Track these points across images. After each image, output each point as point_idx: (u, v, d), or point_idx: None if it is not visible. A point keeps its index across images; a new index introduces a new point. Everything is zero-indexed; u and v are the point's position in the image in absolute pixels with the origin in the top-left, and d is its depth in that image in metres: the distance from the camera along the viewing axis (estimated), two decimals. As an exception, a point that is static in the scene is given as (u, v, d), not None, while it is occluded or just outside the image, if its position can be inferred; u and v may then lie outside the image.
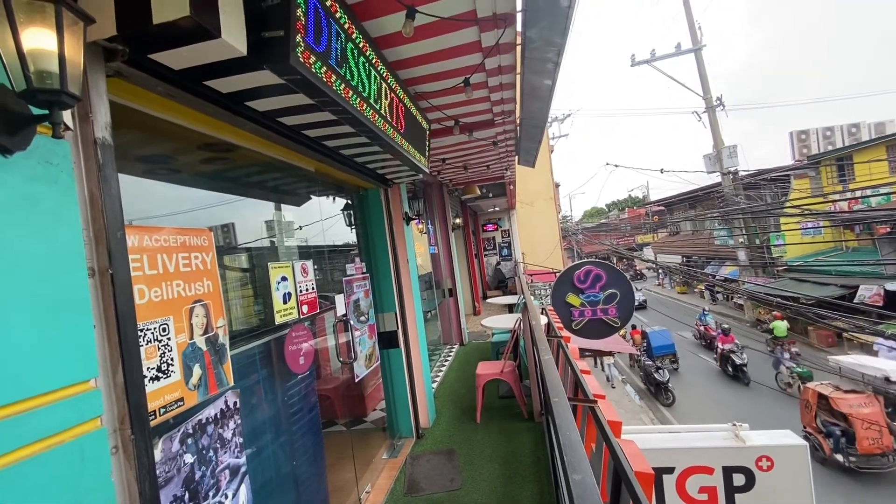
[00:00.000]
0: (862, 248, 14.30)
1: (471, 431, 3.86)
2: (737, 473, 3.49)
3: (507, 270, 12.71)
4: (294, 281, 2.36)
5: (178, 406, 1.42)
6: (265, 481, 2.05)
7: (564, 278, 6.06)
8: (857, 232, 14.65)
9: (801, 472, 3.40)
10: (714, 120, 17.33)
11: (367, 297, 3.45)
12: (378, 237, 3.82)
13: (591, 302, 5.98)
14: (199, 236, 1.66)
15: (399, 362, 3.83)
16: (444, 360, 6.28)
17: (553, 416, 1.45)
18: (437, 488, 2.98)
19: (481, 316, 9.58)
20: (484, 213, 12.43)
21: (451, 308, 7.13)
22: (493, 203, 10.54)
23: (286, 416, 2.31)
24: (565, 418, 1.35)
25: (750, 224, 16.57)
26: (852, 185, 14.12)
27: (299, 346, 2.36)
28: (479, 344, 7.12)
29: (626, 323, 6.10)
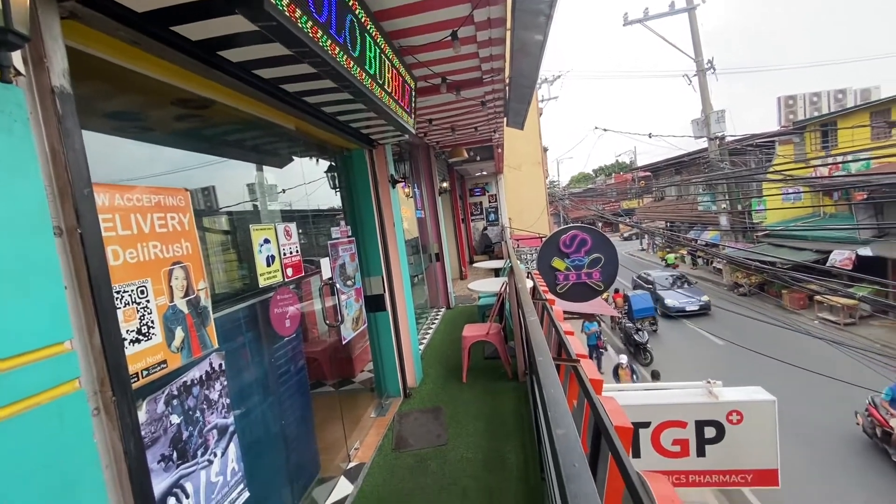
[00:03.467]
0: (839, 214, 14.66)
1: (457, 390, 3.96)
2: (708, 427, 3.68)
3: (493, 235, 12.74)
4: (277, 243, 2.31)
5: (161, 368, 1.41)
6: (254, 440, 2.08)
7: (550, 243, 6.10)
8: (835, 198, 14.96)
9: (768, 426, 3.60)
10: (704, 83, 17.14)
11: (354, 260, 3.42)
12: (363, 200, 3.74)
13: (575, 266, 6.05)
14: (175, 196, 1.60)
15: (386, 325, 3.86)
16: (431, 322, 6.36)
17: (537, 374, 1.48)
18: (424, 444, 3.08)
19: (468, 280, 9.67)
20: (471, 177, 12.29)
21: (438, 272, 7.16)
22: (480, 167, 10.40)
23: (274, 378, 2.32)
24: (549, 376, 1.38)
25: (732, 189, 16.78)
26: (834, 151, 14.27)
27: (285, 309, 2.34)
28: (466, 307, 7.21)
29: (609, 286, 6.22)
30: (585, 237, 5.91)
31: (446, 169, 9.22)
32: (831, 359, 9.93)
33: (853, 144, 13.49)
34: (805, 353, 10.67)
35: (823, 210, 15.34)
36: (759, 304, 15.39)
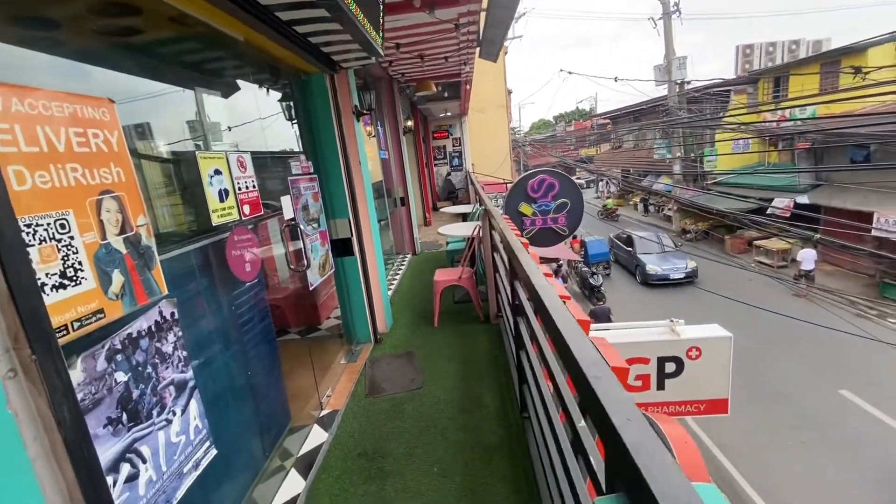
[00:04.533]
0: (782, 164, 15.46)
1: (429, 334, 3.90)
2: (669, 363, 3.85)
3: (457, 181, 12.47)
4: (230, 176, 2.00)
5: (97, 318, 1.16)
6: (218, 394, 1.89)
7: (518, 187, 5.97)
8: (780, 147, 15.70)
9: (723, 359, 3.81)
10: (668, 27, 16.91)
11: (317, 200, 3.13)
12: (325, 132, 3.38)
13: (542, 211, 6.01)
14: (98, 107, 1.27)
15: (354, 270, 3.65)
16: (398, 269, 6.21)
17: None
18: (398, 388, 3.02)
19: (432, 227, 9.49)
20: (434, 118, 11.74)
21: (404, 217, 6.92)
22: (445, 107, 9.90)
23: (236, 327, 2.10)
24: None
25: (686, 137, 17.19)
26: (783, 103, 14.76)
27: (243, 252, 2.08)
28: (432, 253, 7.09)
29: (573, 232, 6.25)
30: (553, 182, 5.83)
31: (410, 107, 8.69)
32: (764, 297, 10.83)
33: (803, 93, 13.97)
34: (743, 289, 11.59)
35: (768, 159, 16.10)
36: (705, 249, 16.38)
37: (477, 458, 2.25)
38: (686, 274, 13.61)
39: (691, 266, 13.66)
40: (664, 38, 17.09)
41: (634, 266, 14.74)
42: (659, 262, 13.93)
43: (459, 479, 2.12)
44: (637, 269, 14.48)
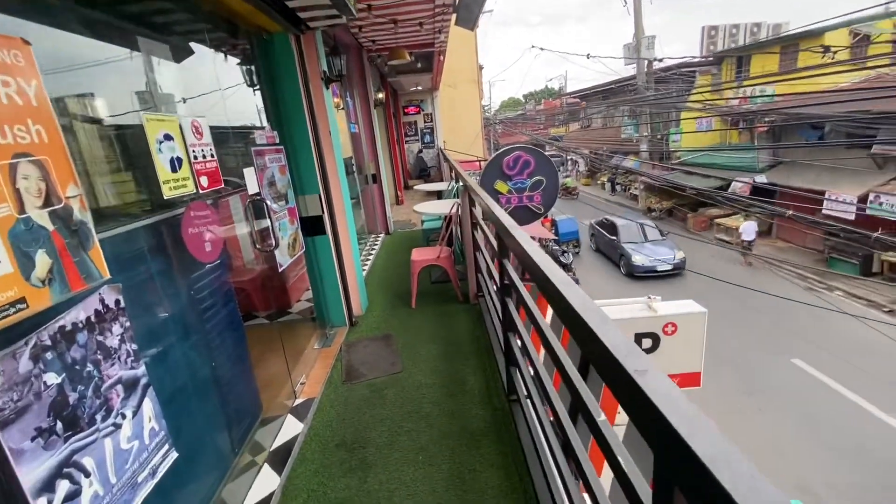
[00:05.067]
0: (743, 144, 15.98)
1: (406, 316, 3.75)
2: (646, 338, 3.89)
3: (429, 159, 12.19)
4: (184, 143, 1.75)
5: (16, 310, 0.94)
6: (177, 389, 1.69)
7: (494, 164, 5.82)
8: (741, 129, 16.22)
9: (698, 334, 3.87)
10: (638, 6, 16.91)
11: (284, 174, 2.87)
12: (292, 100, 3.10)
13: (518, 189, 5.90)
14: (7, 49, 1.01)
15: (327, 250, 3.43)
16: (371, 249, 5.99)
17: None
18: (378, 373, 2.88)
19: (405, 206, 9.25)
20: (405, 92, 11.33)
21: (376, 195, 6.66)
22: (416, 80, 9.54)
23: (196, 313, 1.88)
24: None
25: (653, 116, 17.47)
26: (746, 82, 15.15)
27: (202, 229, 1.84)
28: (406, 233, 6.89)
29: (548, 210, 6.18)
30: (529, 158, 5.71)
31: (380, 79, 8.30)
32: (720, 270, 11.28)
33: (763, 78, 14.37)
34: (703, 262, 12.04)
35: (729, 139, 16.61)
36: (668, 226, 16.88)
37: (463, 444, 2.15)
38: (674, 265, 12.67)
39: (679, 256, 12.76)
40: (634, 17, 17.10)
41: (619, 256, 13.60)
42: (645, 253, 12.93)
43: (447, 467, 2.02)
44: (622, 260, 13.43)
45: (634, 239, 13.55)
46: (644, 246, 13.19)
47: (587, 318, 0.95)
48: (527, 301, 1.85)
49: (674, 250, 12.88)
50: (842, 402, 7.22)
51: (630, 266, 12.91)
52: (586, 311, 0.98)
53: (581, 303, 1.04)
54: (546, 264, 1.34)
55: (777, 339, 9.16)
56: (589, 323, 0.92)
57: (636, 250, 12.99)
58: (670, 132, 18.00)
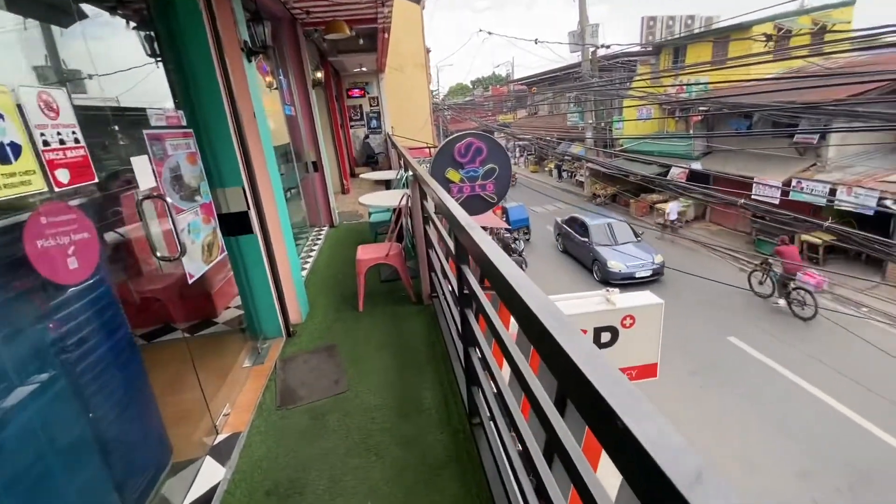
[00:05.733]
0: (679, 133, 16.71)
1: (353, 321, 3.37)
2: (605, 332, 3.77)
3: (376, 145, 11.61)
4: (24, 123, 1.26)
5: None
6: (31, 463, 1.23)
7: (445, 152, 5.51)
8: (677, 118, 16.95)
9: (655, 326, 3.81)
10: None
11: (194, 163, 2.38)
12: (203, 74, 2.57)
13: (470, 177, 5.64)
14: None
15: (255, 250, 2.96)
16: (313, 244, 5.48)
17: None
18: (319, 394, 2.49)
19: (351, 195, 8.70)
20: (349, 73, 10.64)
21: (318, 185, 6.11)
22: (360, 60, 8.92)
23: (58, 350, 1.41)
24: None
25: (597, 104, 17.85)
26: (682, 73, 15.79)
27: (63, 241, 1.37)
28: (353, 225, 6.42)
29: (501, 199, 5.97)
30: (481, 145, 5.45)
31: (319, 57, 7.64)
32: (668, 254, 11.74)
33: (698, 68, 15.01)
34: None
35: (667, 128, 17.32)
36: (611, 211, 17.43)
37: (421, 480, 1.85)
38: (654, 271, 11.25)
39: (658, 260, 11.32)
40: (578, 4, 17.23)
41: (592, 260, 12.03)
42: (622, 257, 11.47)
43: (401, 513, 1.71)
44: (595, 265, 11.87)
45: (608, 241, 12.13)
46: (620, 249, 11.79)
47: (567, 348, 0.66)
48: (488, 313, 1.56)
49: (652, 253, 11.59)
50: (771, 374, 7.72)
51: (605, 272, 11.44)
52: (564, 337, 0.69)
53: (558, 325, 0.75)
54: (512, 274, 1.05)
55: (714, 319, 9.66)
56: (570, 355, 0.64)
57: (612, 255, 11.53)
58: (613, 120, 18.49)
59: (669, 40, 16.99)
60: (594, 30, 17.13)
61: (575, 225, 13.43)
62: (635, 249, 11.76)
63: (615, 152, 18.04)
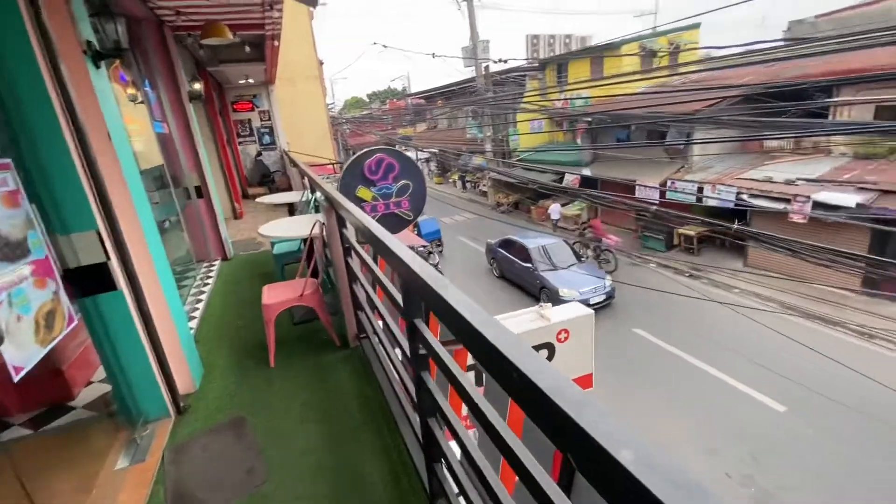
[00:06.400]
0: (568, 143, 18.09)
1: (264, 381, 2.78)
2: (542, 350, 3.66)
3: (271, 163, 10.63)
4: None
5: None
6: None
7: (354, 169, 5.14)
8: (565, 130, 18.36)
9: (588, 336, 3.80)
10: (472, 11, 17.71)
11: (14, 205, 1.70)
12: (24, 84, 1.88)
13: (383, 195, 5.33)
14: None
15: (122, 311, 2.27)
16: (203, 284, 4.64)
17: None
18: (228, 494, 1.92)
19: (246, 221, 7.75)
20: (233, 85, 9.60)
21: (203, 213, 5.25)
22: (245, 71, 8.05)
23: None
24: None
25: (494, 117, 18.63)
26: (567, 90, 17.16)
27: None
28: (251, 256, 5.62)
29: (417, 215, 5.74)
30: (392, 161, 5.18)
31: (195, 68, 6.69)
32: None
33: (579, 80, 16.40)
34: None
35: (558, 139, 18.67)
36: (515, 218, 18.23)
37: None
38: (607, 294, 10.46)
39: (609, 283, 10.61)
40: (469, 21, 17.87)
41: (539, 288, 10.90)
42: (573, 282, 10.38)
43: None
44: (543, 293, 10.64)
45: (553, 264, 11.18)
46: (568, 273, 10.89)
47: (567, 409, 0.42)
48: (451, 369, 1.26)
49: (603, 276, 10.86)
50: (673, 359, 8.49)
51: (558, 301, 10.12)
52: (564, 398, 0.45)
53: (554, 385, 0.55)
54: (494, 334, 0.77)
55: (619, 312, 10.42)
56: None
57: (562, 281, 10.49)
58: (510, 133, 19.43)
59: (554, 57, 18.39)
60: (485, 45, 17.88)
61: (512, 248, 12.26)
62: (584, 273, 10.94)
63: (513, 162, 18.94)
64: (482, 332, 0.88)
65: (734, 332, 8.86)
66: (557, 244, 11.84)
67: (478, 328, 0.90)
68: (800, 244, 6.38)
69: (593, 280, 10.57)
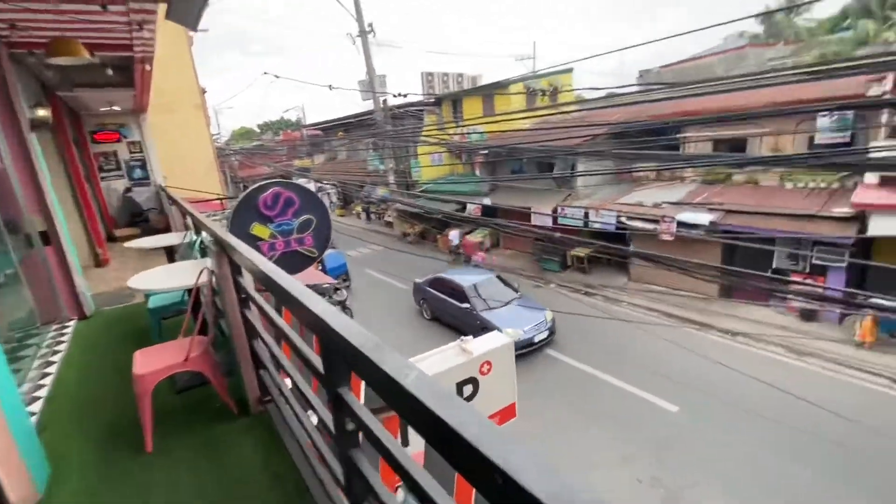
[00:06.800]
0: (468, 174, 18.92)
1: (140, 472, 2.22)
2: (466, 386, 3.55)
3: (144, 199, 9.32)
4: None
5: None
6: None
7: (247, 204, 4.72)
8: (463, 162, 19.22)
9: (509, 366, 3.78)
10: (367, 46, 17.94)
11: None
12: None
13: (283, 232, 4.98)
14: None
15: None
16: (51, 353, 3.72)
17: None
18: None
19: (111, 268, 6.58)
20: (94, 113, 8.32)
21: (52, 263, 4.30)
22: (109, 98, 7.02)
23: None
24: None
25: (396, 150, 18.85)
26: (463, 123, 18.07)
27: None
28: (120, 311, 4.71)
29: (323, 252, 5.45)
30: (291, 195, 4.88)
31: (41, 92, 5.63)
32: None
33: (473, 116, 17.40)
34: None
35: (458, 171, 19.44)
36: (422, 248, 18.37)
37: None
38: (549, 330, 9.94)
39: (549, 317, 10.08)
40: (364, 56, 18.05)
41: (479, 329, 9.44)
42: (515, 321, 9.74)
43: None
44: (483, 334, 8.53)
45: (491, 303, 10.45)
46: (508, 312, 10.23)
47: None
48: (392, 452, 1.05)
49: (542, 309, 10.34)
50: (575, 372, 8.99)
51: None
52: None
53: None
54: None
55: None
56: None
57: (503, 320, 9.77)
58: (412, 165, 19.75)
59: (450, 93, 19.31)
60: (382, 81, 18.15)
61: (444, 287, 11.47)
62: (524, 308, 10.33)
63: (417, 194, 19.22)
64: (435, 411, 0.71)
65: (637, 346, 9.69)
66: (490, 280, 11.28)
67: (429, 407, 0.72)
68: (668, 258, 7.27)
69: (535, 315, 10.05)
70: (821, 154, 7.72)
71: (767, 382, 7.33)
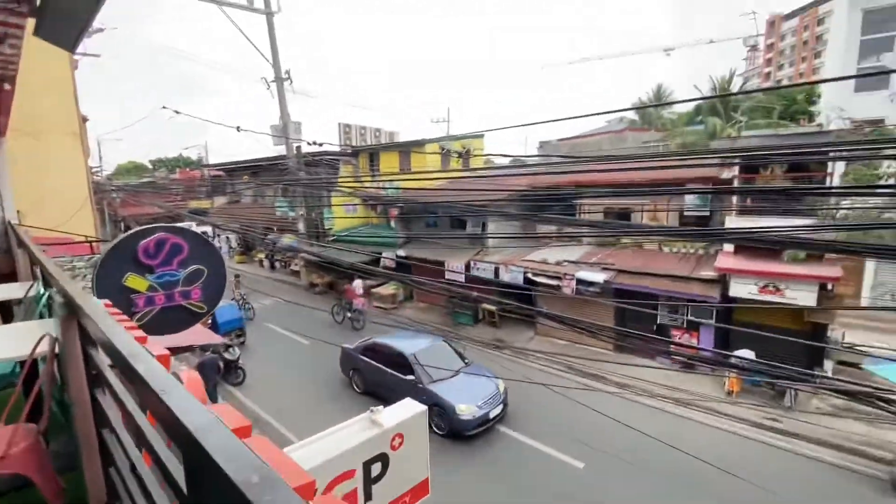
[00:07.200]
0: (382, 225, 18.87)
1: None
2: (375, 464, 3.21)
3: (-17, 237, 7.64)
4: None
5: None
6: None
7: (122, 251, 4.12)
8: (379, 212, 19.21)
9: (422, 437, 3.52)
10: (282, 92, 17.66)
11: None
12: None
13: (165, 284, 4.39)
14: None
15: None
16: None
17: None
18: None
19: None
20: (-78, 131, 6.79)
21: None
22: (-52, 115, 5.80)
23: None
24: None
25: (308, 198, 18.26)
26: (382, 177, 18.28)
27: None
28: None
29: (214, 306, 4.87)
30: (179, 242, 4.35)
31: None
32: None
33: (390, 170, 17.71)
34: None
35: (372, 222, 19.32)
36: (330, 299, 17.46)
37: None
38: (503, 402, 9.01)
39: (502, 387, 9.15)
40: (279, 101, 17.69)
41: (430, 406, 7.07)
42: (468, 395, 8.63)
43: None
44: (436, 413, 8.45)
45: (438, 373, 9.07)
46: (459, 383, 8.98)
47: None
48: None
49: (492, 375, 9.31)
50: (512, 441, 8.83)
51: (456, 422, 8.35)
52: None
53: None
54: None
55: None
56: None
57: (456, 394, 8.61)
58: (324, 213, 19.22)
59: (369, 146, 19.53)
60: (297, 127, 17.82)
61: (381, 355, 9.97)
62: (476, 379, 9.12)
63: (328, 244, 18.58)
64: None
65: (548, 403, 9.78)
66: (437, 345, 9.92)
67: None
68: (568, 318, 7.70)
69: (488, 386, 9.02)
70: (684, 230, 9.04)
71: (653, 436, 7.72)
